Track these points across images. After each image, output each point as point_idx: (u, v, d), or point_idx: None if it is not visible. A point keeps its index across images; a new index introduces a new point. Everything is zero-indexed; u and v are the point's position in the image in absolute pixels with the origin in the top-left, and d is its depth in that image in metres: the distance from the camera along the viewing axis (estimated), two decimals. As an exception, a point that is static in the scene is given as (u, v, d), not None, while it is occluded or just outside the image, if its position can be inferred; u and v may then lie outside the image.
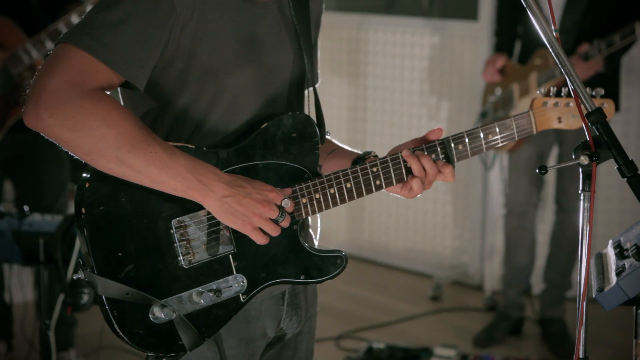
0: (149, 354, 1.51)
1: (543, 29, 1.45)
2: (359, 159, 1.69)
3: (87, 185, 1.45)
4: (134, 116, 1.43)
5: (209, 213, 1.50)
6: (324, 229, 1.72)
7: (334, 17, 5.01)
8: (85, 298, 2.51)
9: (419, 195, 1.66)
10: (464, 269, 4.57)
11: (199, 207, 1.50)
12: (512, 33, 3.77)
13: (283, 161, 1.57)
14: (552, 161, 3.83)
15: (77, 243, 2.52)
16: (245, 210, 1.47)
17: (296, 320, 1.72)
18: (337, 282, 4.26)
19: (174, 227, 1.49)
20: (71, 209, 3.56)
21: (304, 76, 1.66)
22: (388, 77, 4.77)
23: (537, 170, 1.56)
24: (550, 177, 3.98)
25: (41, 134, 1.41)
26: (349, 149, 1.75)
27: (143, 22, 1.43)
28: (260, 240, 1.50)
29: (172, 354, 1.52)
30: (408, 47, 4.68)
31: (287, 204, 1.52)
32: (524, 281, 3.83)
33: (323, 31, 1.76)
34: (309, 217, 1.63)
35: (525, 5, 1.47)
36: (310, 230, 1.70)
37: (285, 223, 1.52)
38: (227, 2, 1.52)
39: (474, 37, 4.44)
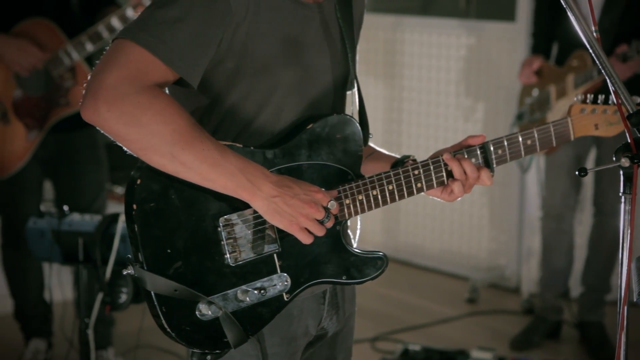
0: (195, 350, 1.53)
1: (583, 29, 1.44)
2: (397, 163, 1.70)
3: (138, 182, 1.47)
4: (187, 113, 1.44)
5: (255, 212, 1.52)
6: (360, 230, 1.72)
7: (369, 18, 4.97)
8: (123, 297, 2.53)
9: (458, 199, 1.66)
10: (500, 272, 4.54)
11: (246, 206, 1.51)
12: (549, 34, 3.73)
13: (327, 162, 1.59)
14: (590, 163, 3.79)
15: (116, 243, 2.54)
16: (293, 210, 1.49)
17: (336, 319, 1.73)
18: (373, 283, 4.26)
19: (221, 225, 1.51)
20: (109, 209, 3.60)
21: (347, 78, 1.67)
22: (424, 79, 4.75)
23: (577, 173, 1.55)
24: (588, 179, 3.94)
25: (97, 128, 1.43)
26: (387, 152, 1.77)
27: (199, 20, 1.45)
28: (305, 239, 1.52)
29: (217, 351, 1.54)
30: (444, 49, 4.66)
31: (333, 206, 1.53)
32: (561, 284, 3.79)
33: (359, 32, 1.77)
34: (350, 218, 1.64)
35: (565, 6, 1.46)
36: (349, 232, 1.70)
37: (330, 224, 1.54)
38: (279, 4, 1.54)
39: (511, 38, 4.41)
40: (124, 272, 1.52)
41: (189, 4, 1.44)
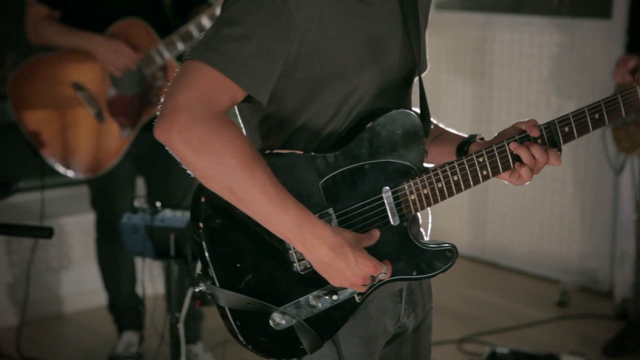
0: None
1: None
2: (464, 143, 1.67)
3: (202, 200, 1.46)
4: (255, 148, 1.43)
5: (320, 217, 1.50)
6: (445, 231, 1.71)
7: (459, 16, 4.96)
8: (195, 290, 2.56)
9: (532, 192, 1.62)
10: (592, 275, 4.43)
11: (312, 212, 1.49)
12: (646, 32, 3.62)
13: (389, 159, 1.56)
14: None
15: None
16: (340, 277, 1.47)
17: (414, 317, 1.72)
18: (460, 284, 4.21)
19: None
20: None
21: (413, 72, 1.65)
22: (514, 78, 4.67)
23: None
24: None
25: (167, 148, 1.42)
26: (454, 132, 1.73)
27: (265, 36, 1.43)
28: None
29: (293, 359, 1.54)
30: (536, 47, 4.57)
31: (384, 276, 1.51)
32: (656, 289, 3.68)
33: (448, 31, 1.76)
34: (419, 213, 1.63)
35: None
36: (422, 228, 1.68)
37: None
38: (344, 7, 1.52)
39: (606, 36, 4.30)
40: (196, 290, 1.52)
41: (254, 21, 1.43)
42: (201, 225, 1.46)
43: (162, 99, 1.42)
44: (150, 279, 3.84)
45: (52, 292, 4.09)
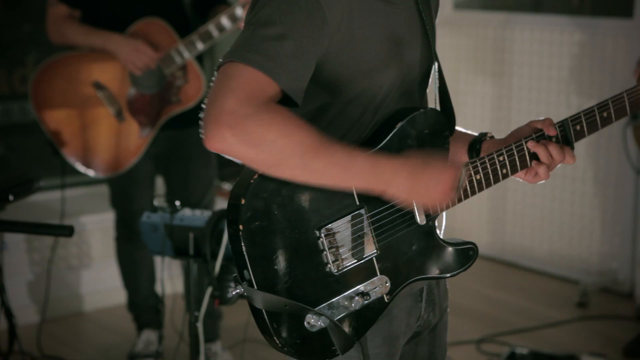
0: None
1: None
2: (475, 142, 1.69)
3: (242, 201, 1.46)
4: (306, 122, 1.44)
5: (353, 218, 1.52)
6: (464, 231, 1.71)
7: (478, 15, 4.94)
8: (231, 292, 2.57)
9: (553, 191, 1.63)
10: (613, 276, 4.40)
11: (345, 213, 1.52)
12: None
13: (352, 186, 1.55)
14: None
15: (225, 238, 2.57)
16: (432, 195, 1.50)
17: (432, 316, 1.73)
18: (479, 284, 4.19)
19: (322, 235, 1.51)
20: (218, 205, 3.66)
21: (430, 70, 1.66)
22: (534, 77, 4.65)
23: None
24: None
25: (224, 155, 1.42)
26: (463, 130, 1.75)
27: (301, 36, 1.44)
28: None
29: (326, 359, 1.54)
30: (556, 46, 4.55)
31: (463, 183, 1.56)
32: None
33: (467, 30, 1.76)
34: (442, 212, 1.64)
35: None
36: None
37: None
38: (370, 7, 1.53)
39: (628, 35, 4.27)
40: (233, 293, 1.51)
41: (290, 21, 1.43)
42: (241, 227, 1.45)
43: (205, 107, 1.41)
44: (169, 277, 3.86)
45: (72, 290, 4.11)
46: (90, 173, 3.36)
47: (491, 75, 4.82)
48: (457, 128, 1.75)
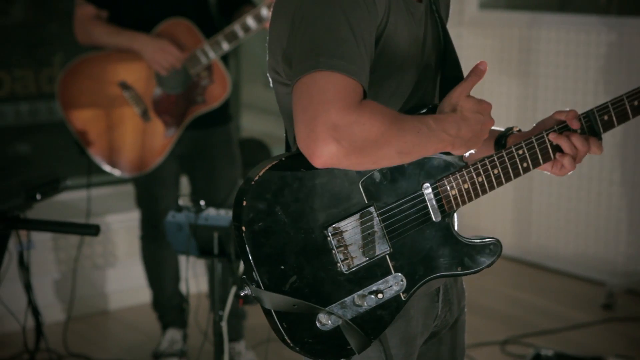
0: None
1: None
2: (501, 137, 1.68)
3: (244, 203, 1.46)
4: (388, 108, 1.44)
5: (362, 216, 1.51)
6: (489, 231, 1.70)
7: (504, 15, 4.91)
8: (241, 293, 2.57)
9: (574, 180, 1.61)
10: (639, 277, 4.36)
11: (353, 211, 1.51)
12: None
13: (429, 156, 1.55)
14: None
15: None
16: (484, 129, 1.52)
17: (450, 315, 1.72)
18: (504, 285, 4.17)
19: (330, 235, 1.50)
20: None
21: (441, 70, 1.65)
22: (560, 77, 4.62)
23: None
24: None
25: (338, 168, 1.43)
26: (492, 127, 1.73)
27: (366, 33, 1.45)
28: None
29: (341, 359, 1.54)
30: (583, 46, 4.51)
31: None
32: None
33: (492, 30, 1.75)
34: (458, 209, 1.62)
35: None
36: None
37: None
38: (399, 6, 1.53)
39: (655, 34, 4.23)
40: (241, 294, 1.52)
41: (355, 19, 1.43)
42: (244, 228, 1.46)
43: (301, 124, 1.38)
44: (193, 277, 3.87)
45: (98, 288, 4.14)
46: (116, 172, 3.38)
47: (517, 75, 4.79)
48: None
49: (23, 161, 4.60)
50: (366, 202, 1.52)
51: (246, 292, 1.51)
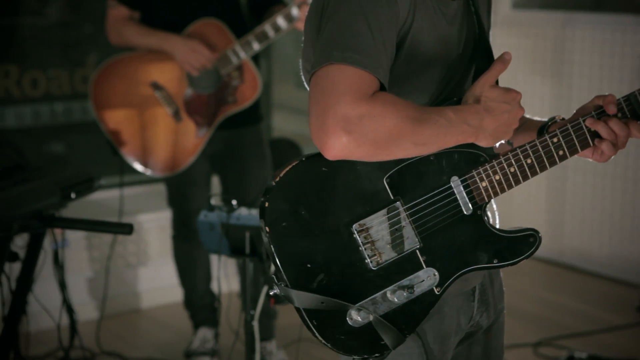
0: (354, 357, 1.53)
1: None
2: (543, 127, 1.63)
3: (266, 205, 1.48)
4: (403, 100, 1.44)
5: (388, 211, 1.50)
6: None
7: (537, 15, 4.87)
8: (270, 292, 2.57)
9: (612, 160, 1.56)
10: (674, 280, 4.31)
11: (379, 207, 1.50)
12: None
13: (457, 148, 1.53)
14: None
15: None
16: (511, 121, 1.49)
17: (486, 316, 1.70)
18: (537, 287, 4.12)
19: (356, 232, 1.50)
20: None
21: (474, 67, 1.63)
22: (594, 77, 4.57)
23: None
24: None
25: (350, 159, 1.43)
26: (537, 119, 1.70)
27: (386, 29, 1.45)
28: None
29: (376, 355, 1.53)
30: (618, 46, 4.46)
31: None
32: None
33: (526, 30, 1.73)
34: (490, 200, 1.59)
35: None
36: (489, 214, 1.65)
37: None
38: (425, 5, 1.53)
39: (692, 33, 4.17)
40: (271, 293, 1.54)
41: (373, 14, 1.44)
42: (268, 229, 1.48)
43: (314, 116, 1.40)
44: (225, 276, 3.88)
45: (130, 287, 4.17)
46: (148, 172, 3.40)
47: (550, 75, 4.75)
48: (531, 117, 1.71)
49: (58, 160, 4.65)
50: (392, 197, 1.52)
51: (275, 291, 1.52)
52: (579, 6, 4.93)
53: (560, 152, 1.55)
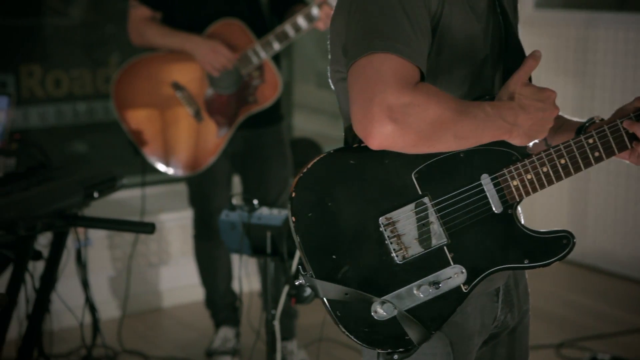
0: (378, 350, 1.53)
1: None
2: (581, 128, 1.62)
3: (293, 195, 1.49)
4: (443, 92, 1.44)
5: (416, 206, 1.50)
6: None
7: (560, 14, 4.84)
8: (308, 291, 2.57)
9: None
10: (698, 282, 4.27)
11: (406, 201, 1.50)
12: None
13: (489, 146, 1.52)
14: None
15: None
16: (547, 119, 1.49)
17: (510, 317, 1.69)
18: (559, 288, 4.09)
19: (382, 225, 1.50)
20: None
21: (503, 66, 1.62)
22: (618, 77, 4.53)
23: None
24: None
25: (391, 149, 1.42)
26: (576, 119, 1.68)
27: (421, 17, 1.45)
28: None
29: (401, 349, 1.52)
30: (641, 45, 4.43)
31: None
32: None
33: (548, 29, 1.72)
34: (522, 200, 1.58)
35: None
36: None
37: None
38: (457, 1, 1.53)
39: None
40: (297, 283, 1.55)
41: (408, 2, 1.43)
42: (294, 219, 1.49)
43: (357, 106, 1.40)
44: (246, 275, 3.89)
45: (152, 286, 4.19)
46: (170, 172, 3.42)
47: (573, 75, 4.72)
48: (570, 118, 1.70)
49: (80, 160, 4.68)
50: (420, 192, 1.51)
51: (300, 281, 1.53)
52: (602, 5, 4.89)
53: (596, 154, 1.54)
